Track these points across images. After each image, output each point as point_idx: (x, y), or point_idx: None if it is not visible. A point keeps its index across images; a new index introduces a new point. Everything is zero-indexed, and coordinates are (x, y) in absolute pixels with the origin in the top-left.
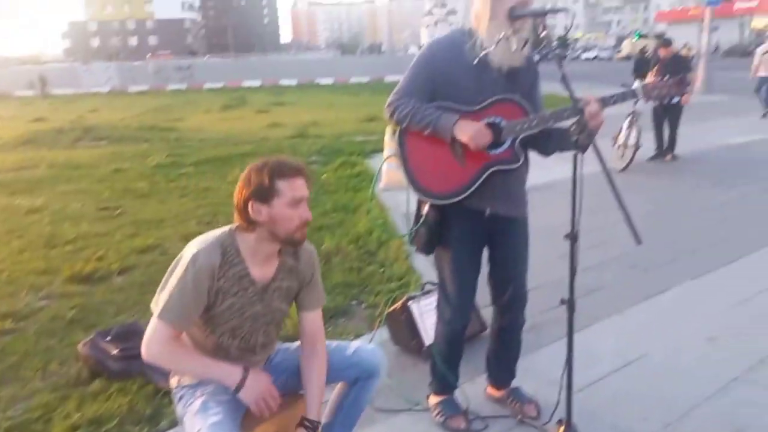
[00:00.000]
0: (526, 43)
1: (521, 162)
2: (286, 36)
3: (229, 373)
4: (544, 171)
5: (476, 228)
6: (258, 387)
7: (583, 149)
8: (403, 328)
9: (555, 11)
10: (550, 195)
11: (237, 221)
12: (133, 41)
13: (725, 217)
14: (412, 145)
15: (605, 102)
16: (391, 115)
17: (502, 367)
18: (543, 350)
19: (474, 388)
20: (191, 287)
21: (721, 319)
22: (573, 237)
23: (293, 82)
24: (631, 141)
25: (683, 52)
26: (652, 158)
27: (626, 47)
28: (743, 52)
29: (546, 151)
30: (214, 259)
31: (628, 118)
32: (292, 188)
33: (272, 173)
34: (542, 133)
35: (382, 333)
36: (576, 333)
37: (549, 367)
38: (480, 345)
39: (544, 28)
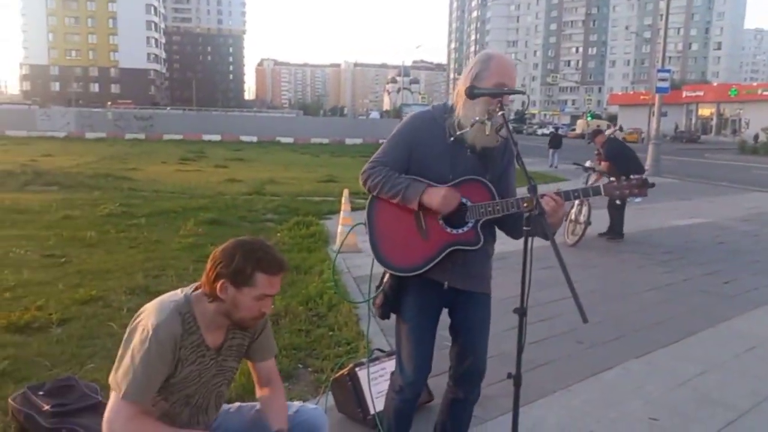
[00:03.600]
0: (501, 127)
1: (481, 244)
2: (250, 93)
3: None
4: (499, 240)
5: (434, 299)
6: None
7: (551, 235)
8: (349, 395)
9: (511, 92)
10: (502, 266)
11: (202, 287)
12: (95, 88)
13: (669, 297)
14: (381, 214)
15: (567, 197)
16: (365, 183)
17: None
18: (489, 424)
19: None
20: (156, 362)
21: (662, 400)
22: (522, 312)
23: (253, 138)
24: (582, 218)
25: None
26: (602, 234)
27: (580, 126)
28: (690, 138)
29: (514, 235)
30: (175, 329)
31: None
32: (269, 285)
33: (257, 264)
34: (511, 217)
35: (328, 400)
36: (522, 407)
37: None
38: (424, 415)
39: (501, 107)
